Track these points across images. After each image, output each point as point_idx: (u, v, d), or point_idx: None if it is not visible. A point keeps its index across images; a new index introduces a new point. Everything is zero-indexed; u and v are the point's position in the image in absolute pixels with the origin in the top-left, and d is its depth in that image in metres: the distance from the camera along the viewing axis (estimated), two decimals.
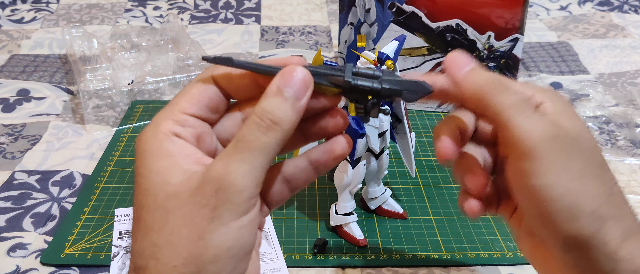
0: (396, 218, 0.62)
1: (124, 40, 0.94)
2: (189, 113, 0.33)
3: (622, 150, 0.74)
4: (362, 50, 0.55)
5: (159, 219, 0.31)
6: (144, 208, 0.31)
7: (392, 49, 0.55)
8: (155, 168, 0.31)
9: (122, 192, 0.67)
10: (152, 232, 0.31)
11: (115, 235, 0.60)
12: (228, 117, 0.35)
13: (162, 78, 0.80)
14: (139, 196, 0.32)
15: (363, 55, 0.53)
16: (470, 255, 0.58)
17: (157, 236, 0.31)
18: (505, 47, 0.78)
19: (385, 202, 0.63)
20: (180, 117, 0.33)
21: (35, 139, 0.77)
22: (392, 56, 0.54)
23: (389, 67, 0.53)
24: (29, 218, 0.63)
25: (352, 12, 0.80)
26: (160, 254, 0.30)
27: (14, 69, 0.95)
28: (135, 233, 0.32)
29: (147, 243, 0.31)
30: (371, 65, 0.52)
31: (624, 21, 1.12)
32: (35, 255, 0.58)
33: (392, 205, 0.63)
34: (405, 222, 0.62)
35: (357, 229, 0.59)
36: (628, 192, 0.67)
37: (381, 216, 0.63)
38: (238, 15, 1.16)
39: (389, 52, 0.54)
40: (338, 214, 0.59)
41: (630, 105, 0.83)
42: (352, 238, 0.59)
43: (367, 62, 0.53)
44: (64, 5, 1.18)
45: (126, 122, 0.81)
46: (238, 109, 0.35)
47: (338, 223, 0.59)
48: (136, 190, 0.32)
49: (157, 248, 0.31)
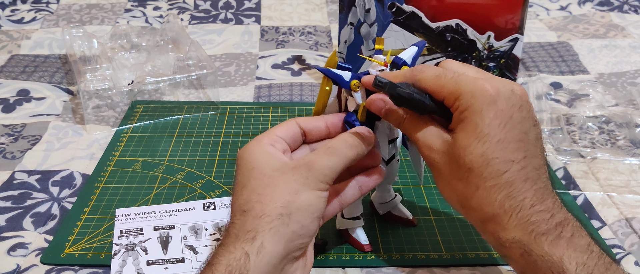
0: (406, 225, 0.62)
1: (124, 40, 0.94)
2: (280, 136, 0.50)
3: (622, 150, 0.74)
4: (380, 52, 0.53)
5: (265, 183, 0.46)
6: (252, 177, 0.47)
7: (410, 55, 0.53)
8: (260, 158, 0.48)
9: (122, 192, 0.67)
10: (258, 189, 0.46)
11: (115, 234, 0.60)
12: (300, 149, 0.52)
13: (162, 78, 0.80)
14: (246, 172, 0.47)
15: (373, 59, 0.52)
16: (470, 255, 0.58)
17: (262, 191, 0.46)
18: (505, 47, 0.78)
19: (395, 208, 0.62)
20: (274, 138, 0.49)
21: (35, 139, 0.77)
22: (409, 62, 0.52)
23: None
24: (29, 217, 0.63)
25: (352, 12, 0.80)
26: (264, 199, 0.45)
27: (14, 69, 0.95)
28: (240, 191, 0.47)
29: (253, 195, 0.46)
30: (382, 67, 0.51)
31: (624, 21, 1.12)
32: (36, 254, 0.58)
33: (401, 211, 0.62)
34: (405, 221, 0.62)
35: (362, 234, 0.59)
36: (628, 192, 0.67)
37: (390, 222, 0.62)
38: (238, 15, 1.16)
39: (406, 57, 0.52)
40: (345, 218, 0.59)
41: (630, 105, 0.83)
42: (357, 243, 0.59)
43: (378, 65, 0.52)
44: (64, 6, 1.18)
45: (126, 122, 0.81)
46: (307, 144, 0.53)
47: (344, 227, 0.59)
48: (242, 171, 0.48)
49: (262, 197, 0.45)
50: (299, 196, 0.46)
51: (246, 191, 0.46)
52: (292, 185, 0.46)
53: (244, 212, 0.45)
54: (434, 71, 0.47)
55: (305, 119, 0.52)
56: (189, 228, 0.61)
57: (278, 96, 0.88)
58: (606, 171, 0.70)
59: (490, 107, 0.44)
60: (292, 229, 0.45)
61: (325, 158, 0.47)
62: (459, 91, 0.45)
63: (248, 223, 0.45)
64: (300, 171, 0.46)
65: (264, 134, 0.50)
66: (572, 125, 0.79)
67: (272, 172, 0.46)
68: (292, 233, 0.45)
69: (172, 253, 0.58)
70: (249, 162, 0.48)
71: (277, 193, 0.45)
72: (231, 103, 0.86)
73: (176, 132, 0.79)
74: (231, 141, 0.77)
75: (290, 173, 0.46)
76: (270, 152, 0.48)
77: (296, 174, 0.46)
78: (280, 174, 0.46)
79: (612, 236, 0.61)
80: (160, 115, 0.83)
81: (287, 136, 0.50)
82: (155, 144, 0.76)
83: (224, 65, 0.98)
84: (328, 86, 0.54)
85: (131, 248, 0.58)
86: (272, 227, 0.44)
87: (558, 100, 0.86)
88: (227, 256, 0.44)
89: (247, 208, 0.45)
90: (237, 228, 0.45)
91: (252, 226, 0.44)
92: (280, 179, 0.46)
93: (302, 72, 0.96)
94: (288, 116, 0.83)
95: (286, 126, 0.51)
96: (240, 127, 0.80)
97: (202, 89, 0.88)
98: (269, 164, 0.47)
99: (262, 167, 0.47)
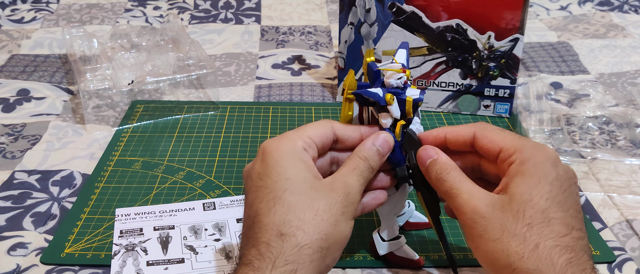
0: (423, 229, 0.60)
1: (124, 40, 0.93)
2: (312, 140, 0.47)
3: (622, 150, 0.74)
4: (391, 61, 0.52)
5: (305, 204, 0.43)
6: (287, 190, 0.44)
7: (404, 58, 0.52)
8: (294, 165, 0.45)
9: (122, 192, 0.67)
10: (298, 210, 0.43)
11: (115, 234, 0.60)
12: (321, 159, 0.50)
13: (162, 78, 0.80)
14: (280, 181, 0.44)
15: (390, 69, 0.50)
16: (470, 255, 0.58)
17: (303, 214, 0.43)
18: (506, 47, 0.78)
19: (412, 216, 0.60)
20: (308, 140, 0.47)
21: (35, 139, 0.77)
22: (407, 65, 0.51)
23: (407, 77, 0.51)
24: (29, 217, 0.63)
25: (352, 12, 0.80)
26: (306, 227, 0.42)
27: (14, 69, 0.95)
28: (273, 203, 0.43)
29: (293, 217, 0.43)
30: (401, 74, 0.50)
31: (624, 21, 1.12)
32: (36, 254, 0.58)
33: (417, 217, 0.60)
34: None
35: (410, 249, 0.56)
36: (628, 193, 0.67)
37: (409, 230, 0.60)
38: (238, 15, 1.16)
39: (404, 61, 0.51)
40: (387, 241, 0.55)
41: (630, 105, 0.83)
42: (409, 261, 0.55)
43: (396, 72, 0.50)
44: (64, 5, 1.18)
45: (126, 122, 0.81)
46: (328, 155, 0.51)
47: (390, 250, 0.56)
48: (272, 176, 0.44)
49: (304, 223, 0.42)
50: (338, 228, 0.44)
51: (282, 207, 0.43)
52: (332, 213, 0.44)
53: (283, 235, 0.42)
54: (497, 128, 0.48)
55: (341, 127, 0.50)
56: (189, 228, 0.61)
57: (278, 96, 0.88)
58: (606, 172, 0.70)
59: (553, 168, 0.43)
60: (327, 263, 0.44)
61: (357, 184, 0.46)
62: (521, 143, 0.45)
63: (288, 252, 0.42)
64: (338, 197, 0.44)
65: (297, 132, 0.47)
66: (573, 125, 0.79)
67: (310, 191, 0.44)
68: (327, 267, 0.45)
69: (172, 253, 0.58)
70: (283, 168, 0.45)
71: (317, 221, 0.43)
72: (231, 103, 0.86)
73: (176, 132, 0.79)
74: (231, 141, 0.77)
75: (329, 197, 0.44)
76: (304, 160, 0.46)
77: (334, 200, 0.44)
78: (320, 197, 0.44)
79: (613, 238, 0.61)
80: (160, 115, 0.83)
81: (320, 141, 0.48)
82: (155, 144, 0.76)
83: (224, 65, 0.98)
84: (350, 110, 0.52)
85: (131, 248, 0.58)
86: (312, 260, 0.42)
87: (558, 100, 0.85)
88: None
89: (286, 231, 0.42)
90: (275, 253, 0.42)
91: (293, 257, 0.42)
92: (321, 203, 0.44)
93: (302, 72, 0.96)
94: (288, 116, 0.83)
95: (321, 128, 0.48)
96: (240, 127, 0.80)
97: (202, 89, 0.88)
98: (306, 179, 0.45)
99: (299, 182, 0.44)
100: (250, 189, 0.46)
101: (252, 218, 0.44)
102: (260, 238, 0.43)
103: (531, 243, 0.40)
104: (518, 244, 0.41)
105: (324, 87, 0.91)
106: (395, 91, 0.50)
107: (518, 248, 0.41)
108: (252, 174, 0.46)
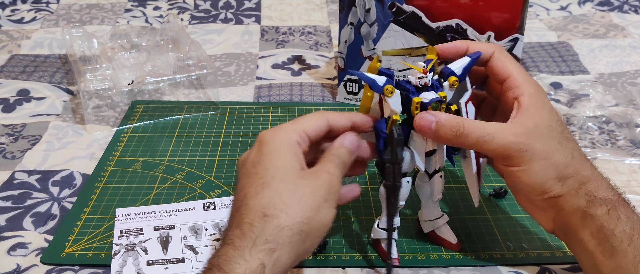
0: (449, 248, 0.59)
1: (124, 40, 0.94)
2: (306, 134, 0.50)
3: (622, 150, 0.74)
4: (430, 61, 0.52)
5: (290, 190, 0.46)
6: (276, 177, 0.46)
7: (461, 66, 0.51)
8: (286, 156, 0.48)
9: (122, 192, 0.67)
10: (283, 195, 0.45)
11: (116, 234, 0.60)
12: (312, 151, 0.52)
13: (162, 78, 0.80)
14: (271, 169, 0.47)
15: (414, 66, 0.51)
16: (470, 255, 0.58)
17: (288, 199, 0.45)
18: (506, 47, 0.78)
19: (439, 229, 0.59)
20: (302, 134, 0.49)
21: (36, 139, 0.77)
22: (459, 73, 0.51)
23: (452, 84, 0.51)
24: (29, 217, 0.63)
25: (352, 12, 0.80)
26: (290, 210, 0.45)
27: (14, 69, 0.95)
28: (261, 188, 0.46)
29: (278, 200, 0.45)
30: (421, 74, 0.51)
31: (624, 21, 1.12)
32: (36, 254, 0.58)
33: (445, 233, 0.59)
34: (405, 222, 0.62)
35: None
36: (628, 192, 0.67)
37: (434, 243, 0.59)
38: (238, 15, 1.16)
39: (455, 68, 0.51)
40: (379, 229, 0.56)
41: (630, 105, 0.83)
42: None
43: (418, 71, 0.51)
44: (64, 5, 1.18)
45: (126, 122, 0.81)
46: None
47: (377, 237, 0.57)
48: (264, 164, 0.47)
49: (288, 206, 0.45)
50: (319, 213, 0.46)
51: (269, 191, 0.46)
52: (316, 199, 0.46)
53: (266, 216, 0.45)
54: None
55: (335, 118, 0.52)
56: (189, 228, 0.61)
57: (278, 96, 0.88)
58: (606, 171, 0.70)
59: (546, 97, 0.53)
60: (306, 247, 0.46)
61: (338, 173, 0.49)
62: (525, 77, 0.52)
63: (268, 232, 0.44)
64: (321, 184, 0.47)
65: (292, 124, 0.50)
66: (572, 125, 0.79)
67: (297, 179, 0.47)
68: (305, 251, 0.46)
69: (172, 253, 0.58)
70: (276, 158, 0.47)
71: (301, 205, 0.45)
72: (231, 103, 0.86)
73: (176, 132, 0.79)
74: (231, 141, 0.77)
75: (314, 185, 0.47)
76: (296, 152, 0.48)
77: (318, 188, 0.47)
78: (306, 185, 0.46)
79: None
80: (160, 115, 0.83)
81: (314, 133, 0.50)
82: (155, 144, 0.76)
83: (224, 65, 0.98)
84: (370, 92, 0.53)
85: (131, 248, 0.58)
86: (291, 242, 0.45)
87: (558, 100, 0.86)
88: (243, 264, 0.43)
89: (269, 213, 0.45)
90: (256, 232, 0.44)
91: (273, 236, 0.44)
92: (306, 189, 0.46)
93: (302, 72, 0.96)
94: (288, 117, 0.83)
95: (316, 121, 0.51)
96: (240, 127, 0.80)
97: (202, 89, 0.88)
98: (294, 168, 0.47)
99: (288, 170, 0.47)
100: (243, 175, 0.48)
101: (239, 201, 0.47)
102: (244, 219, 0.45)
103: (568, 154, 0.50)
104: (560, 156, 0.50)
105: (324, 87, 0.91)
106: (409, 87, 0.51)
107: (563, 159, 0.50)
108: (247, 163, 0.49)
